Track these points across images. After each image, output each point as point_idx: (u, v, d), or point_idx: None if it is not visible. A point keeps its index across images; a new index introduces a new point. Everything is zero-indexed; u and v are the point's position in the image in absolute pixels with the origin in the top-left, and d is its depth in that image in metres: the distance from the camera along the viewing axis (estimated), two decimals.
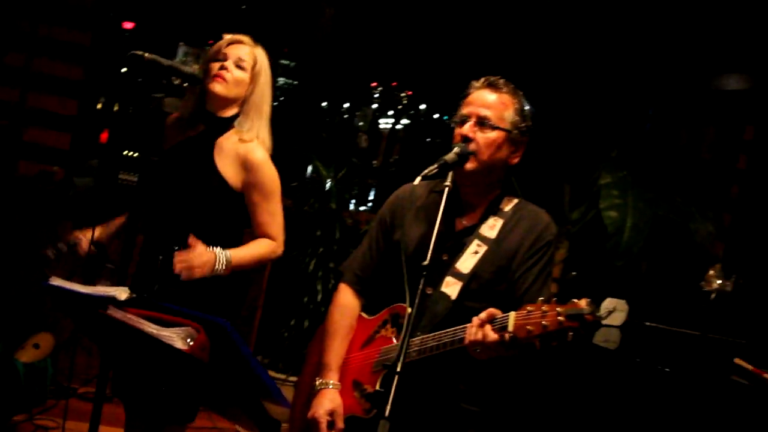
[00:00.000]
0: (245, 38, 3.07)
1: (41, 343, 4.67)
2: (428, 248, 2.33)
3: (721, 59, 5.99)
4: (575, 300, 2.14)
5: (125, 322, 2.06)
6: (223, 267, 2.89)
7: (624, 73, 5.75)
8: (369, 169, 7.28)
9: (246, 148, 2.96)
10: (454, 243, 2.64)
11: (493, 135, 2.57)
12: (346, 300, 2.82)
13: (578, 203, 5.07)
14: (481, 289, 2.57)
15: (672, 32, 5.82)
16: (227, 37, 3.07)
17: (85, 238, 3.14)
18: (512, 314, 2.22)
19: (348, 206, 5.57)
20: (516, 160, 2.66)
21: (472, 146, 2.55)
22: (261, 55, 3.06)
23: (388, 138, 9.71)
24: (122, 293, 2.14)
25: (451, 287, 2.55)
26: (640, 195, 4.78)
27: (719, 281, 4.23)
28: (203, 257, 2.84)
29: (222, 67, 2.95)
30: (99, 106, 5.79)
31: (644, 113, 6.27)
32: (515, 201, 2.70)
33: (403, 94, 9.21)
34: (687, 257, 4.83)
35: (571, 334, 2.13)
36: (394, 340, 2.58)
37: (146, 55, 2.65)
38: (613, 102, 5.89)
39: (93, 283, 2.44)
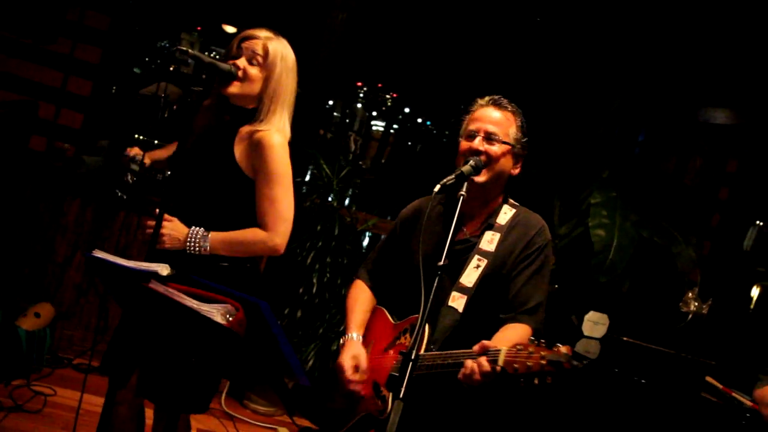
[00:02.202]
0: (258, 32, 3.06)
1: (42, 312, 4.81)
2: (438, 253, 2.53)
3: (712, 94, 6.23)
4: (559, 345, 2.29)
5: (167, 295, 2.23)
6: (198, 245, 2.91)
7: (618, 98, 5.93)
8: (359, 169, 7.44)
9: (260, 134, 2.95)
10: (453, 250, 2.85)
11: (500, 148, 2.83)
12: (359, 285, 3.14)
13: (567, 219, 5.19)
14: (485, 300, 2.79)
15: (667, 64, 6.02)
16: (242, 33, 3.09)
17: (146, 155, 3.23)
18: (503, 349, 2.39)
19: (344, 204, 5.69)
20: (517, 171, 2.93)
21: (482, 158, 2.80)
22: (275, 46, 3.03)
23: (373, 140, 9.87)
24: (164, 269, 2.31)
25: (457, 301, 2.77)
26: (627, 216, 4.88)
27: (696, 304, 4.44)
28: (168, 230, 2.90)
29: (235, 67, 2.97)
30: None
31: (634, 138, 6.48)
32: (513, 211, 2.93)
33: (388, 96, 9.34)
34: (667, 279, 4.98)
35: (549, 378, 2.28)
36: None
37: (190, 51, 2.79)
38: (606, 125, 6.07)
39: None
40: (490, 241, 2.85)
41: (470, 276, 2.80)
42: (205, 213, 3.01)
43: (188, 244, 2.93)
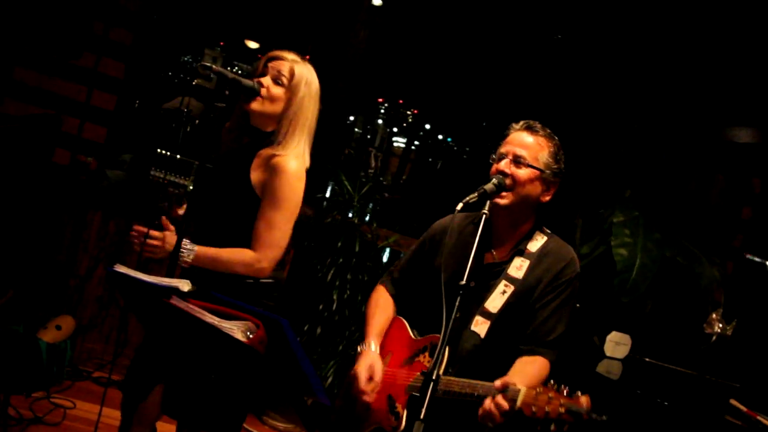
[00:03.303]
0: (287, 54, 3.07)
1: (63, 325, 4.81)
2: (463, 272, 2.51)
3: (735, 113, 6.19)
4: (579, 394, 2.24)
5: (188, 311, 2.23)
6: (186, 258, 2.85)
7: (642, 119, 5.91)
8: (379, 185, 7.46)
9: (277, 159, 2.93)
10: (482, 273, 2.83)
11: (527, 172, 2.79)
12: (380, 291, 3.13)
13: (589, 238, 5.14)
14: (509, 327, 2.75)
15: (690, 83, 6.00)
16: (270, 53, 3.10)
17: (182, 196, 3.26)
18: (523, 390, 2.33)
19: (365, 221, 5.68)
20: (547, 198, 2.87)
21: (507, 181, 2.77)
22: (301, 70, 3.04)
23: (394, 156, 9.91)
24: (185, 285, 2.31)
25: (480, 326, 2.74)
26: (650, 236, 4.84)
27: (720, 325, 4.38)
28: (158, 241, 2.88)
29: (259, 84, 2.98)
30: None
31: (657, 157, 6.44)
32: (544, 239, 2.88)
33: (409, 112, 9.36)
34: (690, 300, 4.93)
35: (566, 426, 2.23)
36: None
37: (214, 67, 2.80)
38: (629, 145, 6.04)
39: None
40: (519, 267, 2.81)
41: (495, 301, 2.76)
42: (220, 233, 3.00)
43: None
